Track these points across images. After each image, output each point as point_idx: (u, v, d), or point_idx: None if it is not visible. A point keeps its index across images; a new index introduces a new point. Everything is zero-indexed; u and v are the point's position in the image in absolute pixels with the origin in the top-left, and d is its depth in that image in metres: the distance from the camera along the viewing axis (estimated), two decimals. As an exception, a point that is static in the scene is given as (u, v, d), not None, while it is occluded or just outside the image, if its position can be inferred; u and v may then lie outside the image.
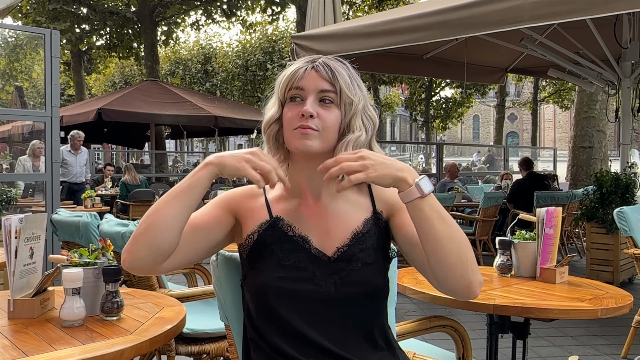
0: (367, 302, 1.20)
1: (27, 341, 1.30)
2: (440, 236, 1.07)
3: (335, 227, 1.21)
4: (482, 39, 5.58)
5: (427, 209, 1.07)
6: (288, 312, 1.15)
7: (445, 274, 1.09)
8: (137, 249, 1.10)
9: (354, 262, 1.18)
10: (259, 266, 1.19)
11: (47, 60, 4.65)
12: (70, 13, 13.55)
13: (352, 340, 1.18)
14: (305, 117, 1.14)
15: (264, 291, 1.17)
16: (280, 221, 1.21)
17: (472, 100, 25.23)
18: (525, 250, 2.03)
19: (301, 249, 1.18)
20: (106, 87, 23.94)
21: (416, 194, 1.06)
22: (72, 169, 7.80)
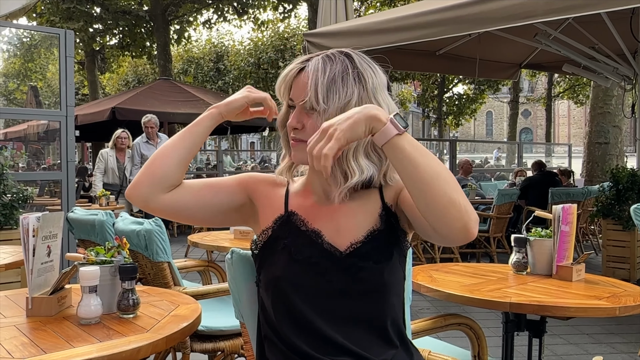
0: (380, 298, 1.19)
1: (45, 339, 1.32)
2: (425, 175, 0.98)
3: (348, 224, 1.20)
4: (495, 34, 5.53)
5: (407, 146, 0.99)
6: (301, 306, 1.16)
7: (439, 219, 0.99)
8: (139, 179, 1.21)
9: (366, 260, 1.17)
10: (272, 261, 1.20)
11: (62, 60, 4.69)
12: (84, 12, 13.66)
13: (365, 337, 1.17)
14: (292, 129, 1.17)
15: (277, 285, 1.18)
16: (294, 216, 1.22)
17: (485, 97, 25.06)
18: (541, 248, 2.01)
19: (314, 243, 1.19)
20: (120, 86, 24.11)
21: (393, 131, 0.99)
22: None
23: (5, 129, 15.94)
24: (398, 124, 0.99)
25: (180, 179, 1.23)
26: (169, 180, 1.21)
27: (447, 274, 2.02)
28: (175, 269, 2.47)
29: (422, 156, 0.99)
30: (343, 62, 1.15)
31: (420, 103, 26.19)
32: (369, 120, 0.99)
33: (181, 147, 1.23)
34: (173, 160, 1.21)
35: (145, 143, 6.58)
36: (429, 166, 0.98)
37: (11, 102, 27.48)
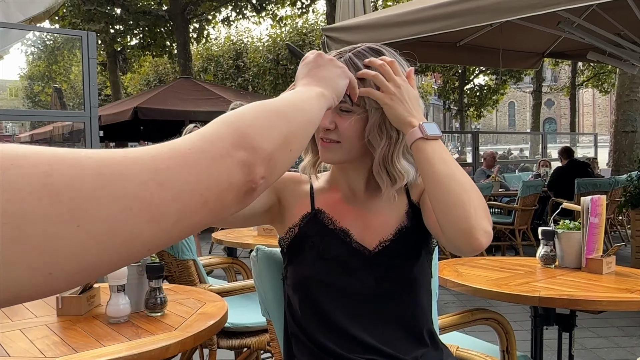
0: (409, 297, 1.18)
1: (76, 337, 1.34)
2: (440, 175, 1.02)
3: (376, 222, 1.20)
4: (516, 23, 5.43)
5: (429, 150, 1.04)
6: (329, 305, 1.15)
7: (445, 217, 1.01)
8: None
9: (395, 258, 1.17)
10: (300, 259, 1.19)
11: (85, 62, 4.75)
12: (105, 14, 13.83)
13: (394, 336, 1.17)
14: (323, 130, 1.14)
15: (305, 284, 1.18)
16: (321, 214, 1.21)
17: (507, 87, 24.73)
18: (570, 241, 1.98)
19: (342, 242, 1.18)
20: (141, 85, 24.37)
21: (418, 134, 1.05)
22: None
23: (31, 130, 16.25)
24: (426, 129, 1.05)
25: None
26: None
27: (473, 268, 2.00)
28: (200, 266, 2.49)
29: (442, 160, 1.03)
30: (372, 57, 1.13)
31: (441, 95, 25.98)
32: (402, 123, 1.07)
33: None
34: None
35: None
36: (446, 169, 1.03)
37: (36, 104, 28.01)
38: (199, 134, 0.50)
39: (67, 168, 0.39)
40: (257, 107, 0.59)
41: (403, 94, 1.08)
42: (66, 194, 0.38)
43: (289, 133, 0.59)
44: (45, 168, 0.38)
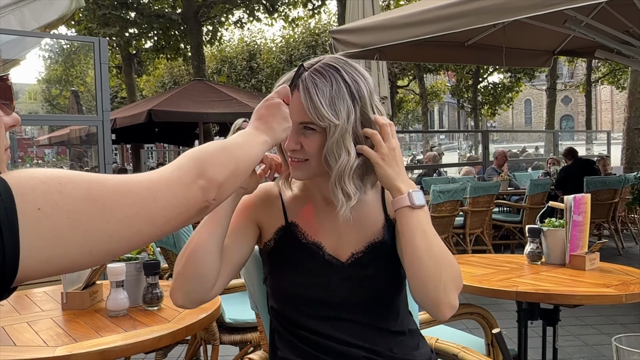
0: (383, 305, 1.24)
1: (77, 329, 1.44)
2: (418, 249, 1.10)
3: (349, 233, 1.23)
4: (524, 22, 5.45)
5: (413, 220, 1.11)
6: (304, 317, 1.21)
7: (417, 287, 1.11)
8: (185, 285, 1.12)
9: (368, 269, 1.21)
10: (276, 272, 1.25)
11: (97, 67, 4.89)
12: (119, 18, 14.06)
13: (369, 333, 1.22)
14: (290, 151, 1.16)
15: (282, 295, 1.25)
16: (294, 227, 1.24)
17: (521, 85, 24.55)
18: (555, 238, 2.04)
19: (315, 255, 1.22)
20: (156, 87, 24.67)
21: (405, 202, 1.11)
22: None
23: (49, 133, 16.57)
24: (414, 199, 1.11)
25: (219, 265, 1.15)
26: (216, 276, 1.14)
27: (461, 265, 2.05)
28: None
29: (422, 233, 1.11)
30: (334, 77, 1.14)
31: (455, 94, 25.88)
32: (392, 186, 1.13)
33: (216, 239, 1.13)
34: (215, 257, 1.13)
35: None
36: (424, 243, 1.10)
37: (55, 107, 28.51)
38: (176, 164, 0.74)
39: (100, 185, 0.62)
40: (217, 148, 0.83)
41: (396, 156, 1.13)
42: (100, 201, 0.61)
43: (236, 169, 0.83)
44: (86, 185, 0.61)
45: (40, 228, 0.55)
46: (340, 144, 1.12)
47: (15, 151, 11.35)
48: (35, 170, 0.58)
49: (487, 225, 5.91)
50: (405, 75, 23.81)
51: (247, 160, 0.90)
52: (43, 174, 0.57)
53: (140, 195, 0.65)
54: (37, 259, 0.55)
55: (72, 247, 0.58)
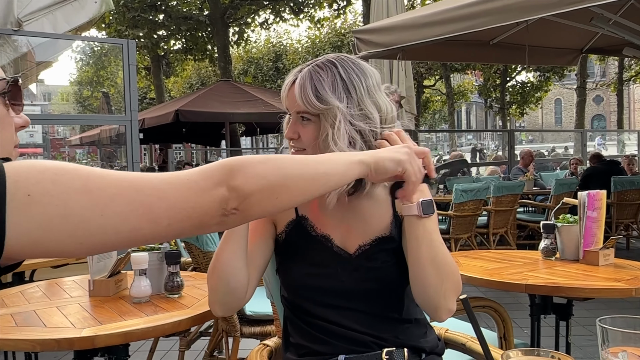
0: (389, 294, 1.28)
1: (102, 314, 1.53)
2: (422, 258, 1.16)
3: (357, 226, 1.28)
4: (549, 20, 5.40)
5: (420, 229, 1.16)
6: (314, 305, 1.27)
7: (418, 292, 1.18)
8: (221, 299, 1.21)
9: (374, 261, 1.25)
10: (287, 263, 1.31)
11: (125, 68, 5.05)
12: (148, 20, 14.35)
13: (375, 321, 1.27)
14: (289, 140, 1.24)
15: (293, 286, 1.30)
16: (304, 220, 1.30)
17: (550, 84, 24.16)
18: (569, 234, 2.05)
19: (324, 247, 1.27)
20: (184, 89, 25.05)
21: (414, 211, 1.15)
22: None
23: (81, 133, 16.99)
24: (423, 208, 1.15)
25: (248, 275, 1.21)
26: (247, 284, 1.21)
27: (474, 259, 2.10)
28: (224, 258, 2.67)
29: (428, 242, 1.15)
30: (331, 70, 1.20)
31: (482, 93, 25.60)
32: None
33: (240, 253, 1.19)
34: (243, 270, 1.20)
35: None
36: (429, 252, 1.15)
37: (86, 108, 29.19)
38: (201, 169, 0.71)
39: (99, 178, 0.62)
40: (263, 158, 0.75)
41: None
42: (96, 193, 0.61)
43: (277, 183, 0.74)
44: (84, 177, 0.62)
45: (28, 213, 0.57)
46: (332, 133, 1.16)
47: (49, 151, 11.68)
48: (40, 161, 0.61)
49: (511, 224, 5.88)
50: (431, 75, 23.68)
51: (305, 176, 0.79)
52: (44, 165, 0.61)
53: (143, 193, 0.64)
54: (24, 241, 0.58)
55: (61, 235, 0.59)
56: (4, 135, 0.76)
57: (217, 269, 1.20)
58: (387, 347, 1.26)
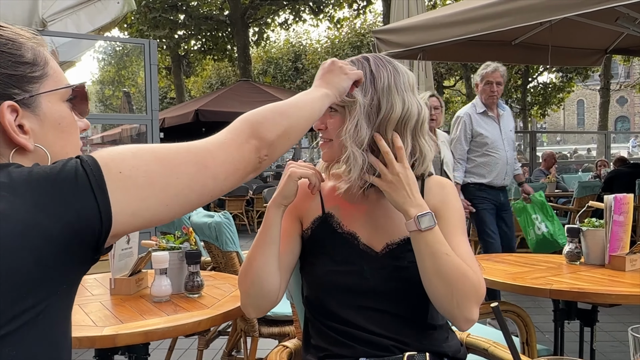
0: (415, 295, 1.26)
1: (123, 312, 1.54)
2: (427, 271, 1.17)
3: (385, 225, 1.28)
4: (572, 20, 5.31)
5: (421, 243, 1.17)
6: (338, 303, 1.26)
7: (433, 302, 1.21)
8: (255, 302, 1.24)
9: (401, 260, 1.25)
10: (312, 260, 1.30)
11: (147, 68, 5.09)
12: (169, 20, 14.49)
13: (400, 326, 1.26)
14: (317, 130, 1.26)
15: (317, 283, 1.29)
16: (330, 217, 1.30)
17: (573, 85, 23.79)
18: (595, 238, 2.01)
19: (350, 244, 1.27)
20: (204, 88, 25.22)
21: (412, 227, 1.17)
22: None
23: (102, 132, 17.20)
24: (420, 223, 1.16)
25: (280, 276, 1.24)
26: (279, 287, 1.24)
27: (497, 263, 2.07)
28: (243, 258, 2.67)
29: (431, 255, 1.17)
30: (362, 65, 1.23)
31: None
32: (400, 209, 1.19)
33: (273, 257, 1.22)
34: (275, 274, 1.22)
35: (480, 115, 3.87)
36: (433, 265, 1.16)
37: (108, 107, 29.56)
38: (230, 128, 0.84)
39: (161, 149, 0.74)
40: (268, 108, 0.91)
41: (401, 180, 1.17)
42: (167, 160, 0.73)
43: (288, 127, 0.90)
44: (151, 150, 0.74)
45: (124, 187, 0.68)
46: (353, 123, 1.19)
47: (71, 149, 11.86)
48: (113, 147, 0.72)
49: (532, 227, 5.79)
50: (451, 76, 23.50)
51: (303, 116, 0.97)
52: (120, 147, 0.71)
53: (200, 155, 0.76)
54: (126, 213, 0.68)
55: (151, 201, 0.70)
56: (74, 139, 0.81)
57: (250, 274, 1.22)
58: (409, 351, 1.24)
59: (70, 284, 0.70)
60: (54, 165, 0.67)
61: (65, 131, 0.79)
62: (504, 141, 3.85)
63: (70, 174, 0.65)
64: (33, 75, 0.75)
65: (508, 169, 3.84)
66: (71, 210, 0.63)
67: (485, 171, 3.77)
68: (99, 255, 0.69)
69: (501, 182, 3.83)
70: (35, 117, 0.75)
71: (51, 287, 0.65)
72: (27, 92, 0.74)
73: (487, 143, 3.78)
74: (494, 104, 3.95)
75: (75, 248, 0.65)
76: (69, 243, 0.64)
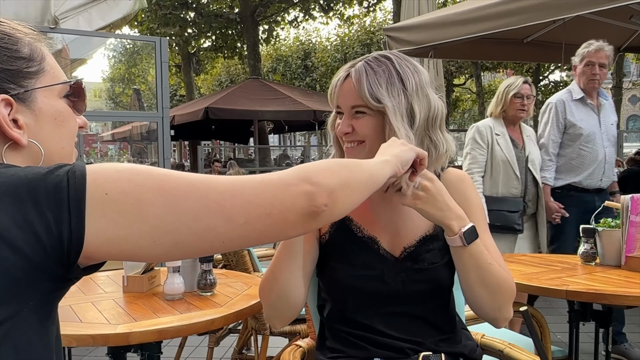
0: (434, 297, 1.27)
1: (136, 310, 1.54)
2: (472, 281, 1.18)
3: (404, 228, 1.26)
4: (586, 18, 5.26)
5: (465, 257, 1.17)
6: (357, 308, 1.25)
7: (474, 309, 1.23)
8: (280, 314, 1.23)
9: (420, 262, 1.24)
10: (332, 264, 1.28)
11: (158, 65, 5.10)
12: (179, 18, 14.52)
13: (417, 327, 1.26)
14: (343, 135, 1.22)
15: (336, 288, 1.29)
16: (349, 221, 1.28)
17: (584, 83, 23.55)
18: (611, 239, 1.98)
19: (370, 249, 1.26)
20: (214, 86, 25.26)
21: (458, 243, 1.15)
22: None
23: (112, 129, 17.30)
24: (466, 239, 1.14)
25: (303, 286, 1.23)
26: (303, 298, 1.23)
27: (511, 263, 2.05)
28: (254, 256, 2.67)
29: (476, 267, 1.17)
30: (386, 65, 1.20)
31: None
32: (441, 224, 1.15)
33: (295, 268, 1.20)
34: (299, 286, 1.21)
35: (576, 103, 3.36)
36: (478, 276, 1.17)
37: (118, 104, 29.72)
38: (275, 173, 0.71)
39: (174, 179, 0.64)
40: (326, 161, 0.79)
41: (432, 191, 1.12)
42: (169, 192, 0.63)
43: (348, 178, 0.78)
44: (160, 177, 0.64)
45: (105, 210, 0.60)
46: (396, 125, 1.16)
47: (81, 146, 11.95)
48: (118, 164, 0.64)
49: (543, 226, 5.75)
50: (461, 74, 23.38)
51: (364, 172, 0.86)
52: (121, 167, 0.64)
53: (215, 190, 0.64)
54: (100, 238, 0.61)
55: (135, 232, 0.61)
56: (70, 135, 0.79)
57: (276, 288, 1.20)
58: (424, 352, 1.23)
59: (41, 301, 0.63)
60: (40, 172, 0.62)
61: (61, 127, 0.77)
62: (603, 135, 3.23)
63: (52, 184, 0.61)
64: (29, 70, 0.74)
65: (607, 168, 3.24)
66: (44, 221, 0.59)
67: (576, 169, 3.19)
68: (73, 274, 0.63)
69: (597, 183, 3.20)
70: (31, 112, 0.73)
71: (20, 303, 0.60)
72: (23, 87, 0.73)
73: (582, 135, 3.18)
74: (594, 90, 3.33)
75: (43, 262, 0.60)
76: (36, 255, 0.59)
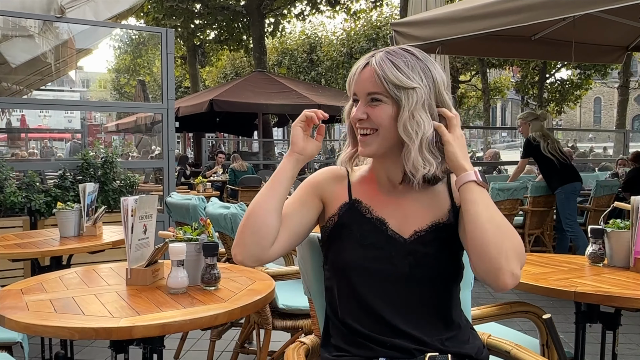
0: (440, 284, 1.26)
1: (140, 303, 1.52)
2: (481, 217, 1.15)
3: (413, 212, 1.28)
4: (595, 16, 5.22)
5: (476, 193, 1.17)
6: (365, 288, 1.25)
7: (478, 255, 1.14)
8: (244, 239, 1.23)
9: (429, 247, 1.24)
10: (339, 245, 1.29)
11: (163, 57, 5.08)
12: (185, 10, 14.48)
13: (423, 319, 1.25)
14: (357, 121, 1.24)
15: (344, 268, 1.27)
16: (358, 203, 1.30)
17: (591, 82, 23.45)
18: (620, 240, 1.96)
19: (378, 230, 1.27)
20: (219, 78, 25.22)
21: (472, 177, 1.18)
22: None
23: (117, 120, 17.29)
24: (479, 175, 1.18)
25: (278, 226, 1.25)
26: (274, 234, 1.23)
27: (517, 262, 2.02)
28: (258, 250, 2.65)
29: (485, 205, 1.16)
30: (407, 56, 1.22)
31: (520, 90, 25.04)
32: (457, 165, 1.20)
33: (276, 198, 1.24)
34: (273, 215, 1.23)
35: None
36: (487, 213, 1.16)
37: (122, 95, 29.70)
38: None
39: None
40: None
41: (463, 142, 1.21)
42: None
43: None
44: None
45: None
46: (415, 114, 1.19)
47: (85, 137, 11.92)
48: None
49: (547, 225, 5.73)
50: (467, 70, 23.30)
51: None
52: None
53: None
54: None
55: None
56: None
57: (249, 210, 1.24)
58: (430, 352, 1.22)
59: None
60: None
61: None
62: None
63: None
64: None
65: None
66: None
67: None
68: None
69: None
70: None
71: None
72: None
73: None
74: None
75: None
76: None
